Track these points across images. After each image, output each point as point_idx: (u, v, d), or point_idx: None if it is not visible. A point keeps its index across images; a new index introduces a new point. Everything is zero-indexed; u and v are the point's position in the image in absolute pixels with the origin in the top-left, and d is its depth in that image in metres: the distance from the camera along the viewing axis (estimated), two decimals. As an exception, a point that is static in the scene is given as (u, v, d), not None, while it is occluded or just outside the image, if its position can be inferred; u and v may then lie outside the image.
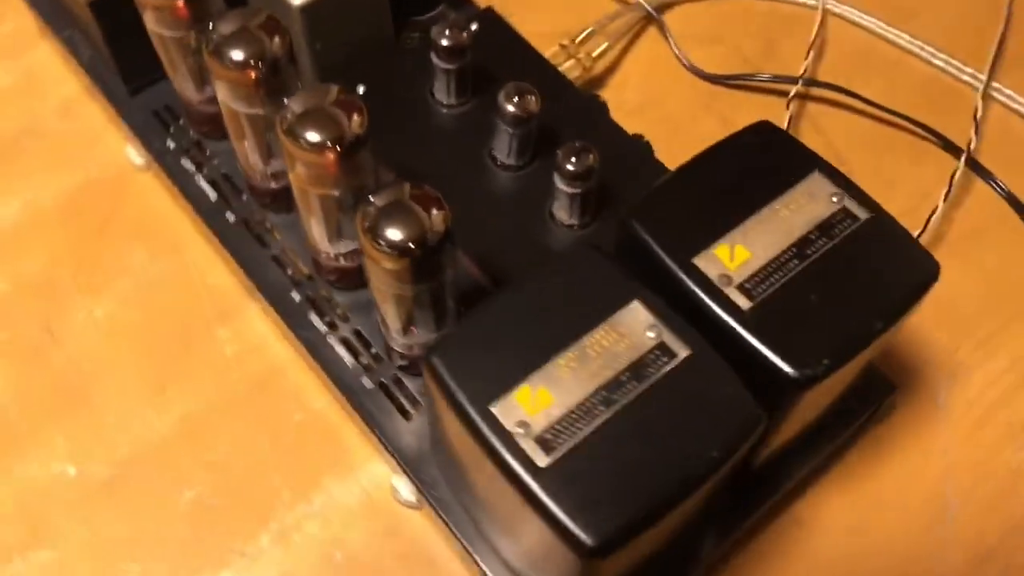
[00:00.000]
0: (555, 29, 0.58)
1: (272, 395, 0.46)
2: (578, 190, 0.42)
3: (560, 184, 0.42)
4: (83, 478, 0.44)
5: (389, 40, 0.50)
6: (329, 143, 0.36)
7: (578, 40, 0.55)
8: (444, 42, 0.44)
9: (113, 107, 0.49)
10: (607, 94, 0.56)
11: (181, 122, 0.49)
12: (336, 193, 0.38)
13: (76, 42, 0.51)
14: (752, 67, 0.58)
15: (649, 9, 0.58)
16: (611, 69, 0.57)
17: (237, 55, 0.38)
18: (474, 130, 0.46)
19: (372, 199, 0.35)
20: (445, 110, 0.47)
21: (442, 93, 0.47)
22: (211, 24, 0.39)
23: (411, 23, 0.51)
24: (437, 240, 0.35)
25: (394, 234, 0.34)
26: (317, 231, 0.41)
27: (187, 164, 0.47)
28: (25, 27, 0.57)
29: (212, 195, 0.47)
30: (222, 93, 0.40)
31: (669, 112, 0.56)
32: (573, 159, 0.41)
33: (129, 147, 0.51)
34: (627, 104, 0.56)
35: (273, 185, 0.45)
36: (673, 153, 0.53)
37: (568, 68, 0.54)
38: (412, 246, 0.34)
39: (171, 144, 0.48)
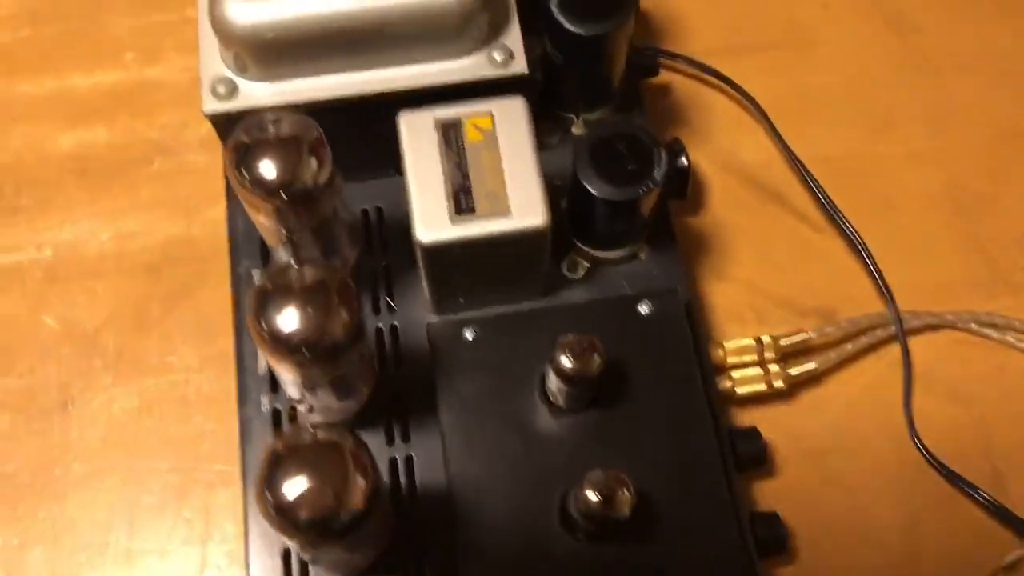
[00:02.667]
0: (778, 292, 0.45)
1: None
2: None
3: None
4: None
5: (539, 274, 0.39)
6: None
7: (783, 341, 0.43)
8: (564, 363, 0.34)
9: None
10: (789, 415, 0.43)
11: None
12: None
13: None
14: (989, 480, 0.42)
15: (900, 328, 0.44)
16: (812, 380, 0.44)
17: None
18: (573, 455, 0.36)
19: None
20: (550, 413, 0.37)
21: (555, 390, 0.37)
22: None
23: (583, 251, 0.41)
24: None
25: None
26: None
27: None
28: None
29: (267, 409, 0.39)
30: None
31: (858, 479, 0.42)
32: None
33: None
34: (808, 440, 0.43)
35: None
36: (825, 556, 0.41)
37: (747, 377, 0.42)
38: None
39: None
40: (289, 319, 0.30)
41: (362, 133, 0.39)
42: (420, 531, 0.37)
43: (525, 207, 0.35)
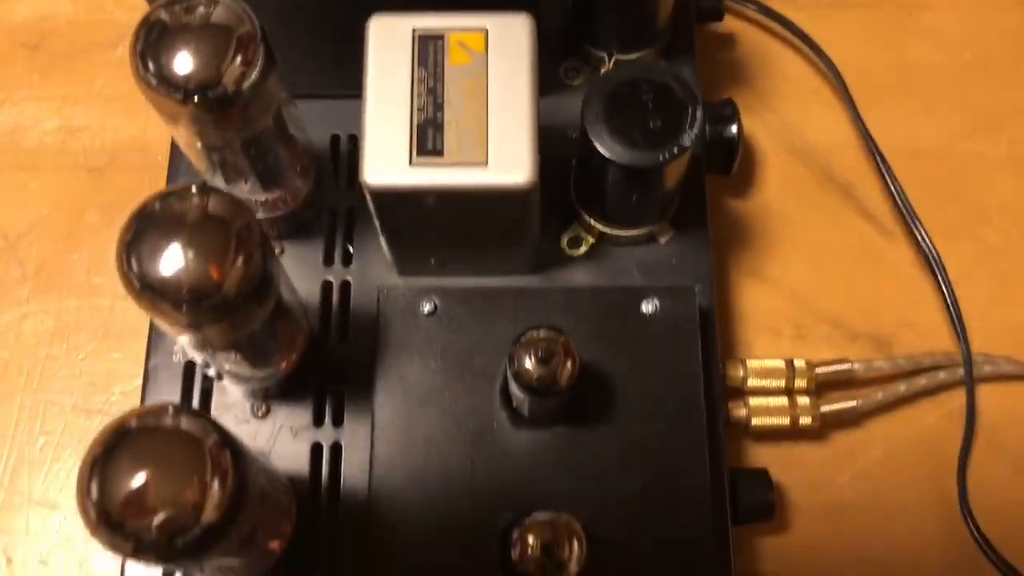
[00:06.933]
0: (826, 306, 0.37)
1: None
2: None
3: None
4: None
5: (524, 244, 0.32)
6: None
7: (821, 369, 0.35)
8: (526, 367, 0.26)
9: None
10: (813, 459, 0.35)
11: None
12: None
13: None
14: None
15: (969, 373, 0.35)
16: (850, 421, 0.36)
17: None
18: (530, 482, 0.29)
19: None
20: (510, 421, 0.30)
21: (518, 395, 0.29)
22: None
23: (588, 223, 0.33)
24: None
25: None
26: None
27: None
28: None
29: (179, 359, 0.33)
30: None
31: (887, 550, 0.34)
32: None
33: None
34: (832, 492, 0.35)
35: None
36: None
37: (769, 407, 0.34)
38: None
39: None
40: (166, 262, 0.23)
41: (331, 36, 0.31)
42: (336, 533, 0.30)
43: (507, 159, 0.27)
